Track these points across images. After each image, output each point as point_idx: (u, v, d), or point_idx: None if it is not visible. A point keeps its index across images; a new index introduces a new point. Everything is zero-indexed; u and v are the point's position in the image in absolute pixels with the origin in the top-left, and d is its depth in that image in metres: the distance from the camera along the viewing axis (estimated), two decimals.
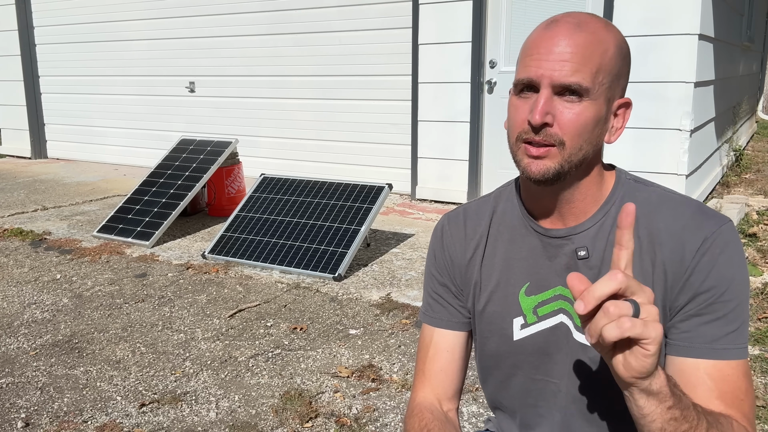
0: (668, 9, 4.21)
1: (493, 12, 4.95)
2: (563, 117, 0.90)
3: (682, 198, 0.98)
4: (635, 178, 1.02)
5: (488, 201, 1.12)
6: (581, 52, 0.89)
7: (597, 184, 0.99)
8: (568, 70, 0.89)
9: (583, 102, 0.90)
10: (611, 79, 0.92)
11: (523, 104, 0.93)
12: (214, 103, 6.70)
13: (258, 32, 6.21)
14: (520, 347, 1.05)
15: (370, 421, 2.20)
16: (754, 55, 8.43)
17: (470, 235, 1.11)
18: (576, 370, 1.01)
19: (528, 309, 1.04)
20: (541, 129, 0.91)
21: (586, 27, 0.91)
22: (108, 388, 2.45)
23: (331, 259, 3.66)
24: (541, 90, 0.90)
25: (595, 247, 0.98)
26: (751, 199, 5.09)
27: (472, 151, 5.16)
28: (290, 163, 6.31)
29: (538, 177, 0.93)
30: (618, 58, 0.92)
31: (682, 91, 4.27)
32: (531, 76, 0.91)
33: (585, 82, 0.89)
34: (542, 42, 0.91)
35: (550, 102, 0.90)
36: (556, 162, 0.92)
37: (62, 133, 8.04)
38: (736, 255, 0.92)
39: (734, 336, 0.90)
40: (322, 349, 2.74)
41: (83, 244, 4.35)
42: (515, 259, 1.05)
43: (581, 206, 0.99)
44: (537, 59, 0.91)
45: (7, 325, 3.05)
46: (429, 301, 1.15)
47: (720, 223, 0.92)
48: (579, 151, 0.92)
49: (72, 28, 7.55)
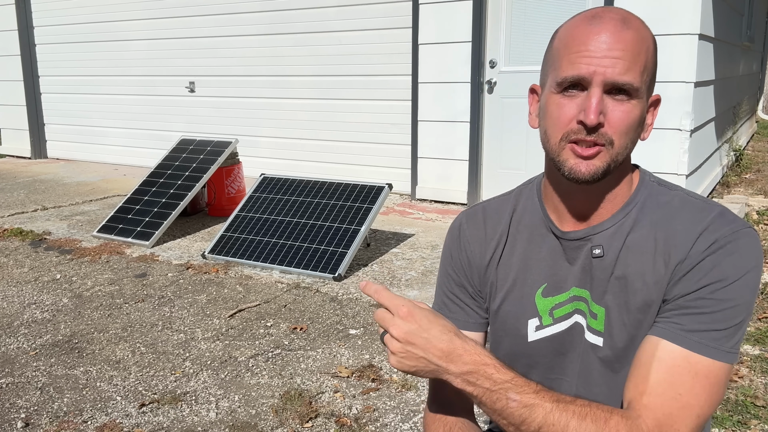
0: (668, 9, 4.21)
1: (493, 12, 4.95)
2: (614, 117, 0.88)
3: (705, 203, 0.94)
4: (659, 181, 1.00)
5: (509, 199, 1.10)
6: (631, 50, 0.87)
7: (628, 183, 0.98)
8: (621, 69, 0.86)
9: (632, 101, 0.88)
10: (651, 77, 0.91)
11: (569, 102, 0.90)
12: (214, 103, 6.69)
13: (258, 32, 6.21)
14: (535, 348, 1.04)
15: (370, 421, 2.20)
16: (754, 55, 8.43)
17: (490, 234, 1.08)
18: (585, 370, 1.00)
19: (544, 311, 1.02)
20: (596, 129, 0.88)
21: (631, 24, 0.89)
22: (108, 388, 2.45)
23: (331, 259, 3.66)
24: (593, 88, 0.87)
25: (611, 246, 0.96)
26: (751, 199, 5.09)
27: (472, 151, 5.16)
28: (290, 163, 6.31)
29: (587, 177, 0.90)
30: (655, 56, 0.92)
31: (682, 91, 4.27)
32: (582, 74, 0.87)
33: (636, 82, 0.87)
34: (590, 38, 0.87)
35: (602, 101, 0.88)
36: (604, 162, 0.90)
37: (62, 133, 8.04)
38: (747, 261, 0.87)
39: (717, 335, 0.86)
40: (322, 349, 2.74)
41: (83, 244, 4.35)
42: (534, 259, 1.03)
43: (609, 206, 0.97)
44: (587, 56, 0.87)
45: (7, 325, 3.05)
46: (444, 301, 1.13)
47: (737, 228, 0.89)
48: (624, 150, 0.91)
49: (72, 28, 7.55)
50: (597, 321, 0.98)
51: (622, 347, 0.95)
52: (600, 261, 0.97)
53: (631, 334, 0.95)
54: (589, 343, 0.99)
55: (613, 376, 0.98)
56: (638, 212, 0.96)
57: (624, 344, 0.95)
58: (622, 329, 0.95)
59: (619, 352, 0.96)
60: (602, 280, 0.97)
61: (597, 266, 0.97)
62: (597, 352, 0.98)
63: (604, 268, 0.97)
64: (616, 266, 0.95)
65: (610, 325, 0.96)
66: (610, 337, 0.96)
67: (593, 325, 0.98)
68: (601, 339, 0.98)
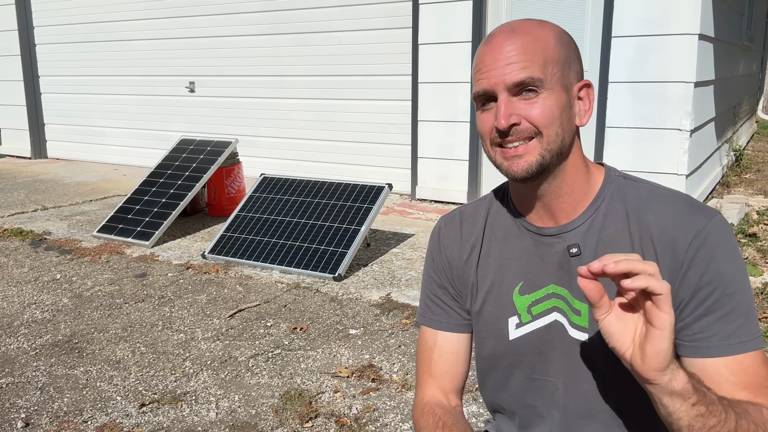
0: (668, 9, 4.21)
1: (493, 12, 4.95)
2: (529, 113, 0.93)
3: (672, 192, 0.99)
4: (624, 175, 1.03)
5: (483, 203, 1.14)
6: (523, 51, 0.93)
7: (583, 176, 1.01)
8: (517, 69, 0.92)
9: (540, 94, 0.93)
10: (561, 67, 0.95)
11: (487, 115, 0.97)
12: (214, 103, 6.70)
13: (258, 32, 6.21)
14: (516, 346, 1.06)
15: (370, 421, 2.20)
16: (754, 55, 8.43)
17: (466, 236, 1.12)
18: (573, 367, 1.02)
19: (522, 308, 1.05)
20: (511, 130, 0.94)
21: (520, 29, 0.95)
22: (108, 388, 2.45)
23: (331, 259, 3.66)
24: (499, 96, 0.94)
25: (587, 244, 0.99)
26: (751, 199, 5.09)
27: (472, 151, 5.16)
28: (290, 163, 6.31)
29: (522, 174, 0.95)
30: (560, 47, 0.95)
31: (682, 91, 4.27)
32: (485, 87, 0.95)
33: (536, 75, 0.92)
34: (485, 55, 0.96)
35: (511, 104, 0.94)
36: (536, 154, 0.94)
37: (62, 133, 8.04)
38: (731, 247, 0.93)
39: (747, 327, 0.91)
40: (322, 349, 2.74)
41: (83, 244, 4.35)
42: (508, 259, 1.06)
43: (570, 201, 1.00)
44: (485, 71, 0.95)
45: (7, 325, 3.05)
46: (428, 303, 1.16)
47: (710, 216, 0.93)
48: (557, 138, 0.94)
49: (72, 28, 7.55)
50: (581, 317, 1.00)
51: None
52: (578, 259, 0.99)
53: None
54: (573, 340, 1.01)
55: (600, 370, 0.99)
56: (607, 207, 0.99)
57: None
58: None
59: (605, 347, 0.96)
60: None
61: (575, 264, 0.99)
62: (584, 349, 1.00)
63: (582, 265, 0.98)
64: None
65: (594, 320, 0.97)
66: (595, 332, 0.98)
67: (577, 322, 1.00)
68: (586, 335, 1.00)
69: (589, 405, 1.01)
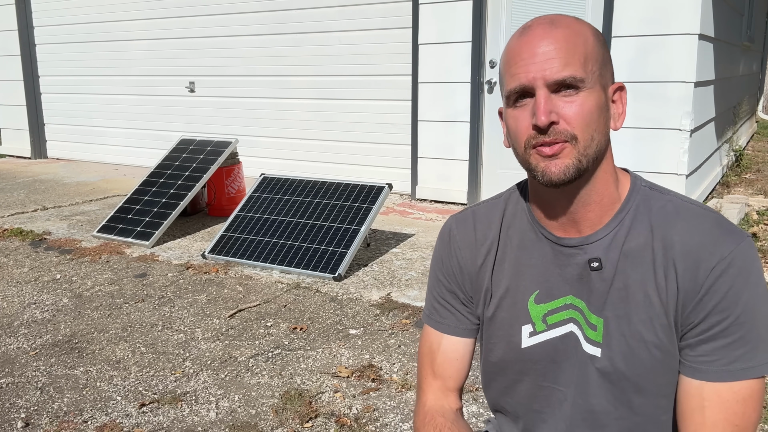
0: (668, 9, 4.21)
1: (493, 12, 4.95)
2: (567, 112, 0.88)
3: (700, 210, 0.94)
4: (650, 185, 0.99)
5: (498, 204, 1.09)
6: (565, 47, 0.89)
7: (613, 184, 0.96)
8: (558, 66, 0.88)
9: (581, 93, 0.89)
10: (600, 65, 0.91)
11: (522, 113, 0.91)
12: (214, 103, 6.70)
13: (258, 32, 6.21)
14: (528, 355, 1.03)
15: (370, 421, 2.20)
16: (754, 55, 8.43)
17: (480, 240, 1.07)
18: (583, 381, 1.00)
19: (537, 317, 1.02)
20: (549, 128, 0.89)
21: (560, 23, 0.91)
22: (108, 388, 2.45)
23: (331, 259, 3.66)
24: (538, 91, 0.89)
25: (608, 258, 0.95)
26: (751, 199, 5.09)
27: (472, 151, 5.16)
28: (290, 163, 6.31)
29: (559, 177, 0.90)
30: (599, 45, 0.92)
31: (682, 91, 4.27)
32: (523, 83, 0.90)
33: (578, 73, 0.88)
34: (523, 48, 0.90)
35: (550, 101, 0.89)
36: (573, 158, 0.89)
37: (62, 133, 8.04)
38: (754, 276, 0.89)
39: (751, 354, 0.88)
40: (322, 349, 2.74)
41: (83, 244, 4.35)
42: (525, 265, 1.03)
43: (598, 210, 0.96)
44: (523, 65, 0.90)
45: (7, 325, 3.05)
46: (435, 305, 1.12)
47: (738, 242, 0.89)
48: (592, 142, 0.90)
49: (72, 28, 7.55)
50: (596, 332, 0.97)
51: (621, 358, 0.95)
52: (599, 273, 0.96)
53: (631, 346, 0.94)
54: (587, 354, 0.99)
55: (611, 387, 0.97)
56: (632, 219, 0.95)
57: (623, 355, 0.95)
58: (621, 340, 0.95)
59: (618, 364, 0.96)
60: (601, 292, 0.96)
61: (596, 278, 0.96)
62: (595, 363, 0.98)
63: (603, 279, 0.96)
64: (615, 278, 0.95)
65: (609, 336, 0.96)
66: (609, 348, 0.96)
67: (591, 336, 0.98)
68: (600, 350, 0.97)
69: (596, 419, 1.00)
